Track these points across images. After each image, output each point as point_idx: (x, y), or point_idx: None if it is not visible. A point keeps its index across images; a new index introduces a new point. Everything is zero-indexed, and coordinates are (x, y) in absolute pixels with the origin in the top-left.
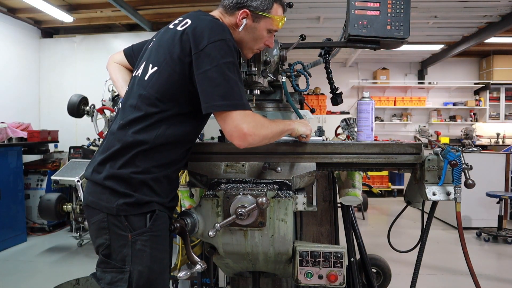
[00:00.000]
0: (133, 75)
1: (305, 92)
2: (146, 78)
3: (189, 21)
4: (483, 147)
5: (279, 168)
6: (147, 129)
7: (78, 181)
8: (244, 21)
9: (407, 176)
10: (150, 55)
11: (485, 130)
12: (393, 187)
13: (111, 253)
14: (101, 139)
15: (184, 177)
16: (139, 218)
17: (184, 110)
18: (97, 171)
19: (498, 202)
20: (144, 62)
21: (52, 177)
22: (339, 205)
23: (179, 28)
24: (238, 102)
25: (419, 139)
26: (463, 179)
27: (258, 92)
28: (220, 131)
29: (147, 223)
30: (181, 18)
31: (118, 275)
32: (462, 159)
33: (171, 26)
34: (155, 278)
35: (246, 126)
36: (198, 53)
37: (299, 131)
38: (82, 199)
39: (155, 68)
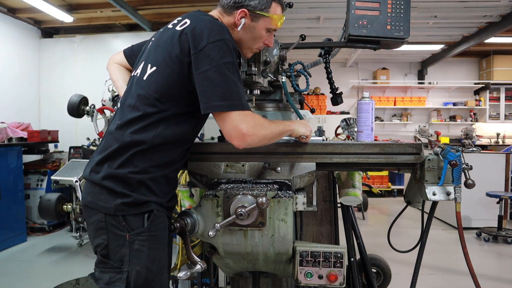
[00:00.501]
0: (132, 75)
1: (305, 92)
2: (144, 78)
3: (188, 21)
4: (483, 147)
5: (279, 168)
6: (145, 129)
7: (76, 181)
8: (243, 20)
9: (407, 176)
10: (149, 55)
11: (485, 130)
12: (393, 187)
13: (109, 253)
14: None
15: (184, 177)
16: (137, 218)
17: (183, 110)
18: (95, 171)
19: (498, 202)
20: (143, 62)
21: (52, 177)
22: (339, 205)
23: (178, 28)
24: (237, 103)
25: (419, 139)
26: (463, 179)
27: (258, 92)
28: (220, 131)
29: (145, 223)
30: (180, 18)
31: (116, 275)
32: (462, 159)
33: (170, 26)
34: (152, 278)
35: (245, 126)
36: (197, 53)
37: (299, 132)
38: (81, 199)
39: (154, 68)
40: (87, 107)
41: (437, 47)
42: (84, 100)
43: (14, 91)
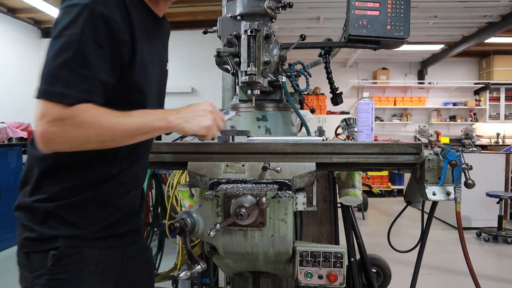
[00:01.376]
0: None
1: (305, 92)
2: None
3: None
4: (483, 147)
5: (279, 168)
6: None
7: None
8: None
9: (407, 176)
10: None
11: (485, 130)
12: (393, 187)
13: None
14: None
15: (184, 177)
16: (41, 256)
17: None
18: (17, 197)
19: (498, 202)
20: None
21: None
22: (339, 205)
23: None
24: (56, 91)
25: (419, 139)
26: (463, 179)
27: (258, 92)
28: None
29: (47, 264)
30: None
31: None
32: (462, 159)
33: None
34: None
35: (43, 122)
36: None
37: (185, 128)
38: None
39: None
40: None
41: (437, 47)
42: None
43: (14, 91)
